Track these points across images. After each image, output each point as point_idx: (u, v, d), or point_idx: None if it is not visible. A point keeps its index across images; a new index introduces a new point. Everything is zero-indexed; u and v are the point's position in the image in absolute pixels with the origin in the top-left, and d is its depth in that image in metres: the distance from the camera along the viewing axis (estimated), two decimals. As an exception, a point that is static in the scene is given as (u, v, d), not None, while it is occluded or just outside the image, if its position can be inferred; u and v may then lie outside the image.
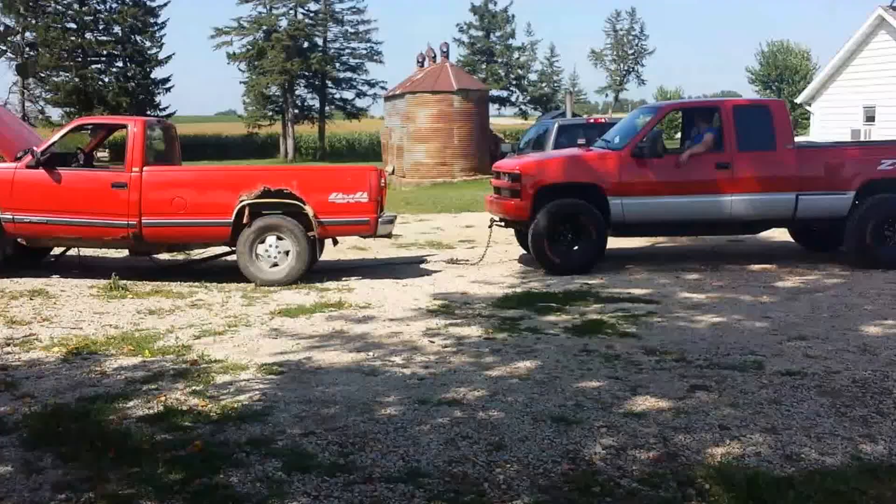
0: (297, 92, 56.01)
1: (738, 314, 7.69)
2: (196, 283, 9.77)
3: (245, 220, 9.62)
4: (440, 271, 10.67)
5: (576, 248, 10.26)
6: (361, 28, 56.80)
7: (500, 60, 61.38)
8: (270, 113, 56.08)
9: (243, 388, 5.62)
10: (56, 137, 10.33)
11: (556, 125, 16.10)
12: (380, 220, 9.90)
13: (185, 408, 5.21)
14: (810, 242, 11.79)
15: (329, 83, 56.64)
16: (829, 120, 26.66)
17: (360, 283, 9.82)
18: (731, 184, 10.15)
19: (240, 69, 55.97)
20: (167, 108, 52.70)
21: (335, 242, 10.99)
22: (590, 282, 9.53)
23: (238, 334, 7.22)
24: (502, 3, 61.89)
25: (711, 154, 10.28)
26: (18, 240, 10.08)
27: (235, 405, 5.24)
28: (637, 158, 10.22)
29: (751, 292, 8.76)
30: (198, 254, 11.53)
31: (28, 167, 9.78)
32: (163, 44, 51.93)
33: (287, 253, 9.70)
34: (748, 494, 3.86)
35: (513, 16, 61.42)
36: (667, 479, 4.09)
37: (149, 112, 47.47)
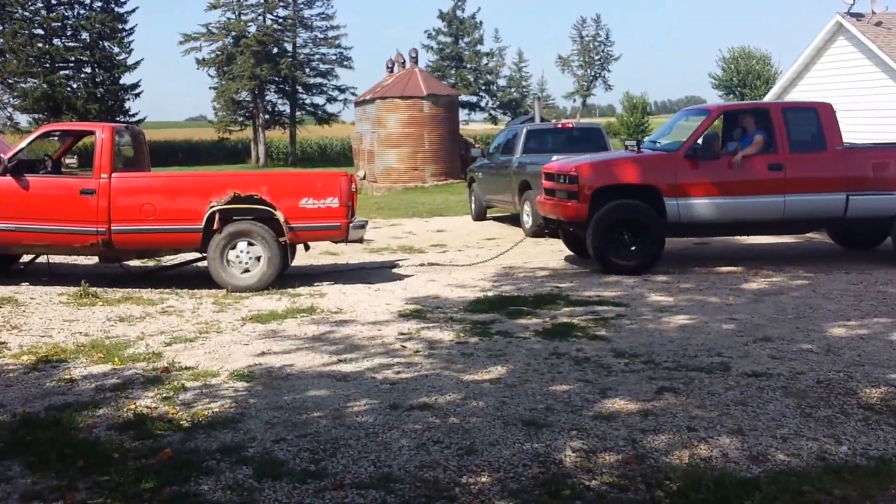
0: (267, 97, 55.74)
1: (705, 316, 7.79)
2: (167, 290, 9.71)
3: (215, 226, 9.59)
4: (412, 275, 10.69)
5: (634, 248, 10.40)
6: (331, 34, 56.69)
7: (469, 66, 61.49)
8: (241, 118, 55.75)
9: (214, 395, 5.60)
10: (23, 144, 10.24)
11: (525, 130, 16.15)
12: (351, 225, 9.91)
13: (155, 415, 5.19)
14: (848, 242, 12.02)
15: (299, 88, 56.43)
16: (792, 124, 26.93)
17: (333, 288, 9.81)
18: (784, 185, 10.39)
19: (209, 75, 55.66)
20: (137, 113, 52.22)
21: (307, 248, 10.99)
22: (560, 285, 9.60)
23: (209, 341, 7.20)
24: (470, 9, 62.02)
25: (763, 156, 10.50)
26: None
27: (206, 412, 5.23)
28: (691, 160, 10.42)
29: (717, 294, 8.88)
30: (168, 260, 11.45)
31: (-5, 174, 9.68)
32: (131, 49, 51.49)
33: (258, 259, 9.68)
34: (715, 496, 3.92)
35: (480, 22, 61.59)
36: (636, 481, 4.14)
37: (118, 118, 47.02)
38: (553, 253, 12.31)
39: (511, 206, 15.56)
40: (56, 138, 13.01)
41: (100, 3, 50.01)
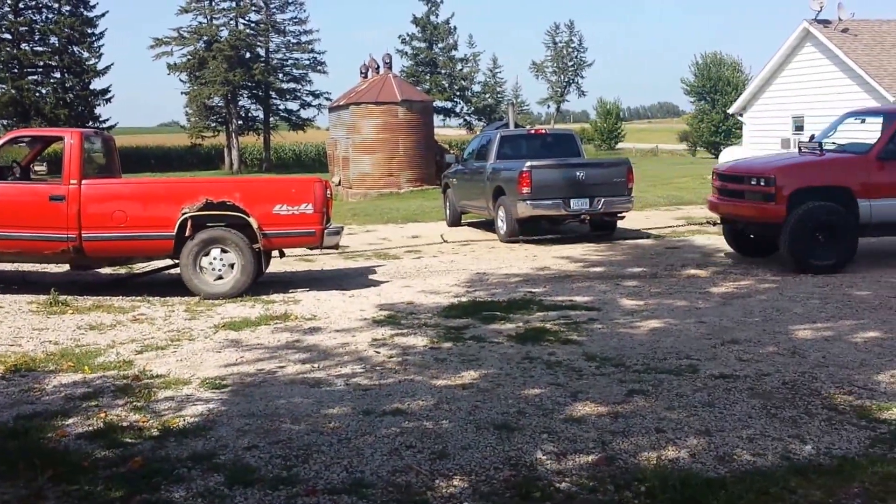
0: (240, 103, 55.60)
1: (675, 319, 7.88)
2: (138, 298, 9.66)
3: (188, 233, 9.55)
4: (387, 282, 10.71)
5: (828, 248, 10.47)
6: (304, 38, 56.73)
7: (443, 72, 61.68)
8: (214, 124, 55.50)
9: (186, 403, 5.58)
10: (-9, 151, 10.15)
11: (499, 136, 16.23)
12: (326, 231, 9.91)
13: (125, 424, 5.16)
14: None
15: (273, 94, 56.32)
16: (760, 129, 27.33)
17: (307, 294, 9.81)
18: None
19: (181, 80, 55.39)
20: (107, 119, 51.96)
21: (282, 254, 10.97)
22: (533, 290, 9.67)
23: (181, 349, 7.17)
24: (444, 14, 62.33)
25: None
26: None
27: (177, 420, 5.21)
28: (882, 162, 10.58)
29: (687, 298, 8.98)
30: (140, 267, 11.39)
31: (-38, 181, 9.60)
32: (101, 54, 51.37)
33: (232, 265, 9.65)
34: (682, 496, 3.98)
35: (455, 27, 61.90)
36: (605, 483, 4.19)
37: (88, 124, 46.63)
38: (526, 258, 12.38)
39: (486, 211, 15.62)
40: (24, 144, 12.86)
41: (68, 8, 49.68)
